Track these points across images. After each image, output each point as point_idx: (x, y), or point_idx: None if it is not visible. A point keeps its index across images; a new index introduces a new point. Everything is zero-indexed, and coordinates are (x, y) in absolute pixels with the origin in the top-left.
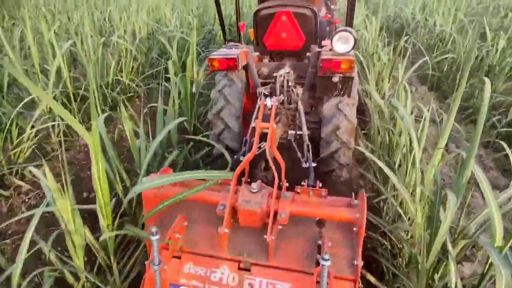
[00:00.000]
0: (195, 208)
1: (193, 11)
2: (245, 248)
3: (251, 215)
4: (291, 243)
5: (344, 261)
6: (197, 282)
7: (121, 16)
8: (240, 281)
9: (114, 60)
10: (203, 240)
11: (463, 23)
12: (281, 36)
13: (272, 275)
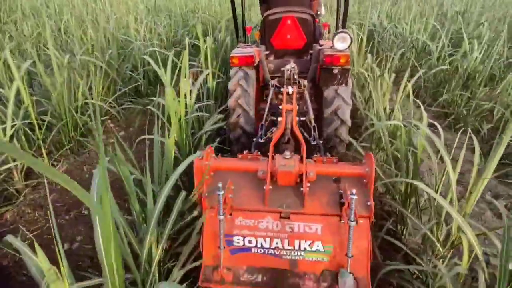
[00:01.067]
0: (237, 177)
1: (161, 20)
2: (284, 202)
3: (287, 175)
4: (319, 195)
5: (360, 204)
6: (247, 231)
7: (82, 27)
8: (282, 227)
9: (82, 80)
10: (249, 199)
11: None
12: (286, 37)
13: (307, 219)
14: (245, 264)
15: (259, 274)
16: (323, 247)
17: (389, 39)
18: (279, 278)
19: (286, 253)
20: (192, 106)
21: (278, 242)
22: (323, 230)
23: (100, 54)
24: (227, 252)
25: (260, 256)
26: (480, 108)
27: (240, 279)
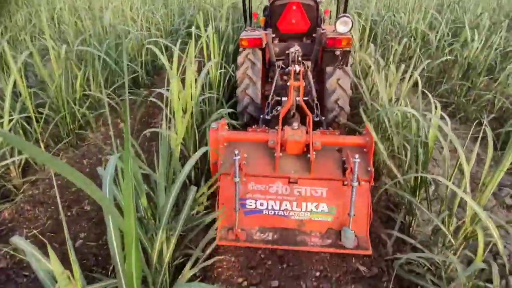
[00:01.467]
0: (249, 146)
1: (158, 9)
2: (292, 168)
3: (296, 144)
4: (324, 162)
5: (361, 169)
6: (259, 194)
7: (75, 16)
8: (291, 191)
9: (80, 71)
10: (260, 166)
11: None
12: (291, 22)
13: (313, 184)
14: (257, 225)
15: (269, 233)
16: (328, 208)
17: (387, 28)
18: (288, 236)
19: (294, 214)
20: (197, 98)
21: (287, 204)
22: (327, 193)
23: (98, 44)
24: (241, 214)
25: (270, 217)
26: (481, 98)
27: (253, 237)
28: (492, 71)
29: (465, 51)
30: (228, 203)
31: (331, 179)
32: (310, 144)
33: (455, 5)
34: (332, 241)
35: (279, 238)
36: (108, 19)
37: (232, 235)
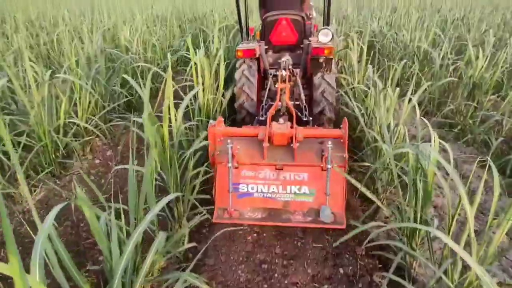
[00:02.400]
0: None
1: (156, 31)
2: (278, 157)
3: (281, 136)
4: (305, 151)
5: (337, 157)
6: (250, 180)
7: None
8: (277, 176)
9: (65, 97)
10: (251, 155)
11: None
12: (282, 35)
13: (296, 170)
14: (248, 206)
15: (259, 212)
16: (309, 190)
17: (390, 46)
18: (275, 215)
19: (280, 196)
20: (178, 128)
21: (274, 188)
22: (308, 177)
23: (87, 68)
24: (234, 197)
25: (260, 199)
26: (488, 118)
27: (245, 216)
28: (500, 89)
29: (469, 70)
30: (223, 187)
31: (311, 165)
32: (294, 136)
33: (458, 22)
34: (312, 218)
35: (267, 217)
36: (99, 42)
37: (226, 214)
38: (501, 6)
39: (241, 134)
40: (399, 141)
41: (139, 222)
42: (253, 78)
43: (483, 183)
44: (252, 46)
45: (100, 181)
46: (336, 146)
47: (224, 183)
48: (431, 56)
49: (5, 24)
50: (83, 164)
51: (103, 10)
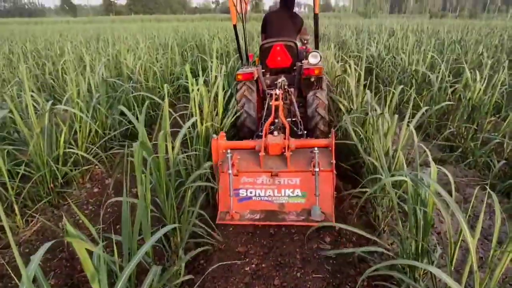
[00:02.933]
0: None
1: (158, 59)
2: (273, 165)
3: (276, 146)
4: (297, 159)
5: (326, 162)
6: (249, 185)
7: (76, 69)
8: (273, 181)
9: (65, 126)
10: (250, 164)
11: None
12: (277, 59)
13: (290, 175)
14: (248, 208)
15: (257, 213)
16: (301, 193)
17: (388, 69)
18: (272, 215)
19: (276, 199)
20: (175, 157)
21: (270, 191)
22: (300, 181)
23: (88, 98)
24: (235, 201)
25: (258, 202)
26: (489, 140)
27: (245, 217)
28: (499, 110)
29: (468, 92)
30: (225, 193)
31: (303, 171)
32: (286, 146)
33: (455, 45)
34: (305, 217)
35: (265, 217)
36: (101, 72)
37: (228, 216)
38: (498, 28)
39: (241, 146)
40: (398, 166)
41: (133, 255)
42: (252, 98)
43: (484, 209)
44: (250, 70)
45: (98, 210)
46: (324, 154)
47: (226, 189)
48: (429, 79)
49: (12, 54)
50: (81, 193)
51: (108, 39)
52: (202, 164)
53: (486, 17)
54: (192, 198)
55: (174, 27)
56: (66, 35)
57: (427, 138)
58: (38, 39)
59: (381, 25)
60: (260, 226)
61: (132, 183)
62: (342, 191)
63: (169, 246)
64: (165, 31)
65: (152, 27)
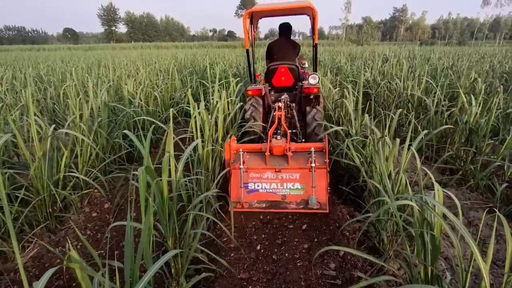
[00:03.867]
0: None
1: (159, 85)
2: (277, 163)
3: (279, 147)
4: (297, 159)
5: (321, 161)
6: (256, 180)
7: (78, 94)
8: (276, 176)
9: (66, 150)
10: (257, 163)
11: (428, 84)
12: (281, 79)
13: (290, 172)
14: (255, 199)
15: (263, 203)
16: (300, 186)
17: (385, 94)
18: (275, 205)
19: (279, 191)
20: (178, 181)
21: (274, 185)
22: (300, 177)
23: (90, 122)
24: (245, 192)
25: (264, 194)
26: (489, 163)
27: (253, 206)
28: (496, 133)
29: (464, 116)
30: (236, 186)
31: (301, 168)
32: (288, 148)
33: (448, 70)
34: (303, 206)
35: (270, 206)
36: (103, 97)
37: (239, 205)
38: (488, 54)
39: (249, 148)
40: (401, 189)
41: (135, 283)
42: (259, 108)
43: (494, 233)
44: (259, 87)
45: (96, 235)
46: (319, 154)
47: (237, 182)
48: (425, 103)
49: (15, 80)
50: (79, 218)
51: (109, 65)
52: (203, 189)
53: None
54: (193, 222)
55: (173, 54)
56: (67, 61)
57: (427, 161)
58: (40, 65)
59: (374, 52)
60: (262, 253)
61: (131, 208)
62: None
63: (170, 272)
64: (164, 57)
65: (151, 53)
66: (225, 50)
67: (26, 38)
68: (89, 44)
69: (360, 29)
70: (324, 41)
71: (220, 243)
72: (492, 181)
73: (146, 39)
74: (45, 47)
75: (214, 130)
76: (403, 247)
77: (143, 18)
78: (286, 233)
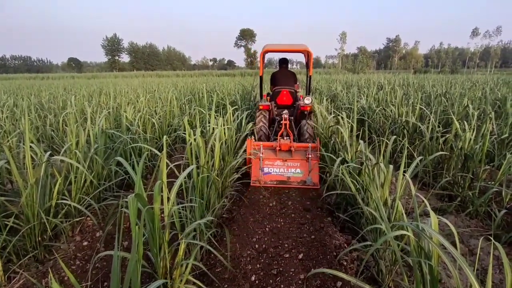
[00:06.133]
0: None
1: (157, 112)
2: (284, 156)
3: (286, 145)
4: (298, 153)
5: (314, 155)
6: (270, 165)
7: (77, 121)
8: (284, 164)
9: (60, 177)
10: (270, 155)
11: (422, 110)
12: (283, 99)
13: (293, 161)
14: (269, 179)
15: (275, 181)
16: (300, 171)
17: (380, 121)
18: (283, 182)
19: (285, 173)
20: (170, 209)
21: (282, 170)
22: (300, 165)
23: (86, 149)
24: (262, 174)
25: (275, 175)
26: (487, 189)
27: (267, 182)
28: (492, 159)
29: (459, 142)
30: (256, 169)
31: (301, 159)
32: (292, 145)
33: (441, 97)
34: (302, 183)
35: (279, 183)
36: (101, 124)
37: (257, 182)
38: (480, 82)
39: (265, 145)
40: (398, 216)
41: None
42: (266, 118)
43: (491, 262)
44: (267, 103)
45: (86, 265)
46: (313, 150)
47: (256, 167)
48: (420, 129)
49: (16, 107)
50: (69, 247)
51: (110, 93)
52: (197, 216)
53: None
54: (186, 251)
55: (173, 82)
56: (70, 89)
57: (424, 187)
58: (42, 92)
59: (369, 80)
60: (257, 284)
61: (123, 236)
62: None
63: None
64: (165, 85)
65: (152, 82)
66: (224, 78)
67: (31, 67)
68: (92, 73)
69: (355, 58)
70: (321, 69)
71: (212, 276)
72: (491, 208)
73: (148, 68)
74: (49, 75)
75: (210, 157)
76: (402, 277)
77: (146, 48)
78: (282, 263)
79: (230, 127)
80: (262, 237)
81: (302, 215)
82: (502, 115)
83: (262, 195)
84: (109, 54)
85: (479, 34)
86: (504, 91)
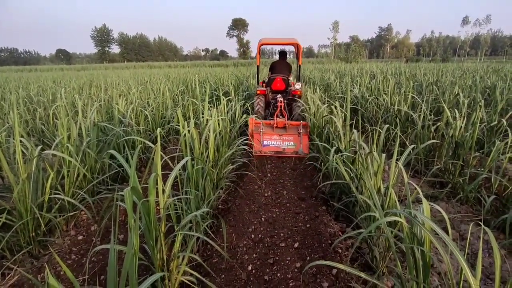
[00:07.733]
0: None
1: (150, 104)
2: (280, 131)
3: (281, 123)
4: (291, 129)
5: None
6: (268, 139)
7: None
8: (280, 137)
9: (53, 171)
10: (269, 130)
11: (414, 99)
12: (277, 85)
13: (288, 136)
14: (268, 150)
15: (272, 152)
16: (293, 143)
17: (373, 109)
18: (279, 152)
19: (281, 145)
20: (165, 201)
21: (279, 142)
22: (293, 139)
23: (78, 142)
24: (261, 146)
25: (273, 147)
26: (476, 176)
27: (267, 153)
28: (482, 146)
29: (449, 130)
30: (257, 142)
31: (294, 134)
32: (286, 123)
33: (432, 86)
34: (295, 153)
35: (276, 153)
36: (93, 117)
37: (258, 152)
38: (470, 70)
39: (265, 122)
40: (391, 204)
41: None
42: (263, 101)
43: (481, 246)
44: (263, 89)
45: (82, 259)
46: (304, 127)
47: (257, 140)
48: (412, 118)
49: (4, 101)
50: (64, 242)
51: (101, 85)
52: (193, 208)
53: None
54: (183, 242)
55: (165, 73)
56: (59, 81)
57: (416, 175)
58: (31, 85)
59: (362, 69)
60: (254, 274)
61: (118, 229)
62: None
63: None
64: (157, 76)
65: (144, 73)
66: (217, 69)
67: (18, 60)
68: (82, 65)
69: (348, 47)
70: (314, 59)
71: (208, 269)
72: (481, 194)
73: (139, 59)
74: (37, 67)
75: (205, 148)
76: (395, 263)
77: (137, 39)
78: (278, 252)
79: (224, 118)
80: (258, 227)
81: (297, 205)
82: (492, 103)
83: (257, 185)
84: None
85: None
86: (493, 79)
